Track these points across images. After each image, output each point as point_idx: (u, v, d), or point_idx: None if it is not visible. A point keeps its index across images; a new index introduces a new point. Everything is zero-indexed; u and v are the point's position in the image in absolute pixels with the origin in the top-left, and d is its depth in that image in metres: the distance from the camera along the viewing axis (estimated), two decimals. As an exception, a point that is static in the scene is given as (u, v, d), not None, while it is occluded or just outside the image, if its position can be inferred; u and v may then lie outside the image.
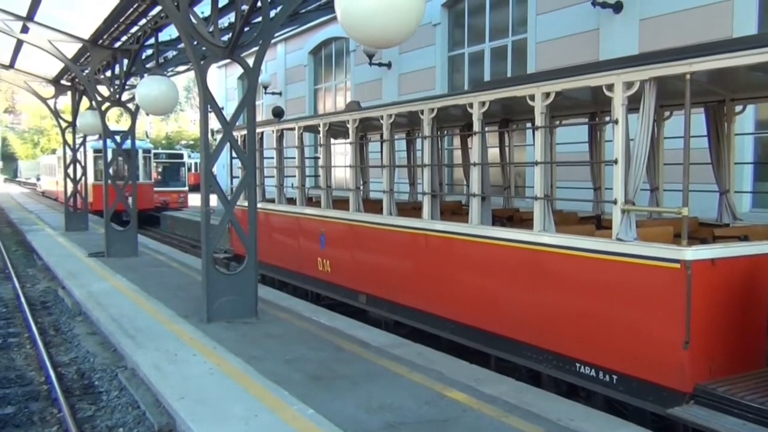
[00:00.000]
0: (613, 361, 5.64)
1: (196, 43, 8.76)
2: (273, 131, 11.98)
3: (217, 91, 29.47)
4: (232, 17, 11.72)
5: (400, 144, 11.93)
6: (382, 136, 8.96)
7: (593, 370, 5.84)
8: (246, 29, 9.45)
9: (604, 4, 11.78)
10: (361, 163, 11.50)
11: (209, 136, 9.33)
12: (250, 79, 8.88)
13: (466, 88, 15.53)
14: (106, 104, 15.83)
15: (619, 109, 5.56)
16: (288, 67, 25.03)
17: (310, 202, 11.55)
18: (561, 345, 6.14)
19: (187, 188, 33.13)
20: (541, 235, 6.37)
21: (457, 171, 14.78)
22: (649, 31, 11.32)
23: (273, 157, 12.06)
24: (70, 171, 21.70)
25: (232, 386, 6.18)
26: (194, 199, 30.61)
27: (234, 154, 10.10)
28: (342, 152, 16.70)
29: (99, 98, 15.78)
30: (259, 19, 8.93)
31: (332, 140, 11.13)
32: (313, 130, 11.25)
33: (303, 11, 13.84)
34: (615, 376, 5.64)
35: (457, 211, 9.70)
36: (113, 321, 8.95)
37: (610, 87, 5.62)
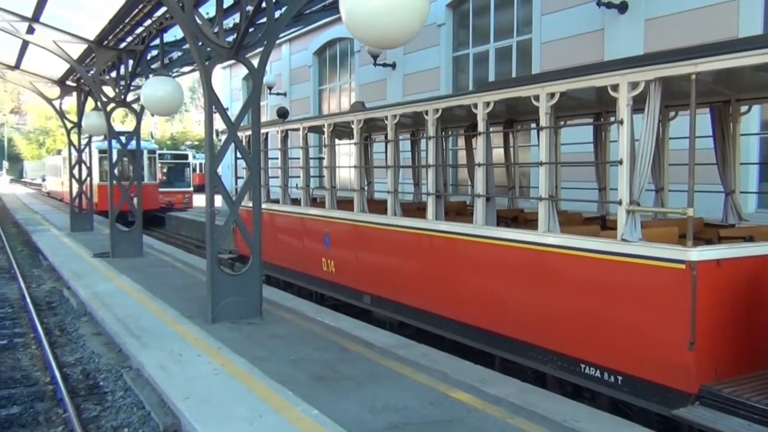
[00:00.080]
0: (618, 362, 5.62)
1: (201, 43, 8.78)
2: (277, 132, 11.99)
3: (222, 91, 29.51)
4: (236, 18, 11.74)
5: (405, 144, 11.93)
6: (387, 137, 8.96)
7: (598, 371, 5.82)
8: (251, 30, 9.47)
9: (609, 5, 11.75)
10: (366, 164, 11.50)
11: (214, 136, 9.34)
12: (255, 80, 8.89)
13: (471, 88, 15.50)
14: (112, 105, 15.87)
15: (624, 110, 5.54)
16: (293, 67, 25.04)
17: (315, 202, 11.55)
18: (566, 346, 6.13)
19: (191, 189, 33.25)
20: (546, 236, 6.36)
21: (462, 171, 14.75)
22: (655, 32, 11.29)
23: (277, 158, 12.07)
24: (76, 171, 21.78)
25: (237, 386, 6.19)
26: (199, 200, 30.65)
27: (239, 155, 10.11)
28: (346, 153, 16.72)
29: (104, 99, 15.83)
30: (264, 20, 8.96)
31: (337, 141, 11.14)
32: (318, 130, 11.25)
33: (308, 12, 13.85)
34: (620, 377, 5.62)
35: (461, 212, 9.69)
36: (118, 321, 8.97)
37: (615, 87, 5.61)
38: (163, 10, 12.39)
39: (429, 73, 17.31)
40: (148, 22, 13.62)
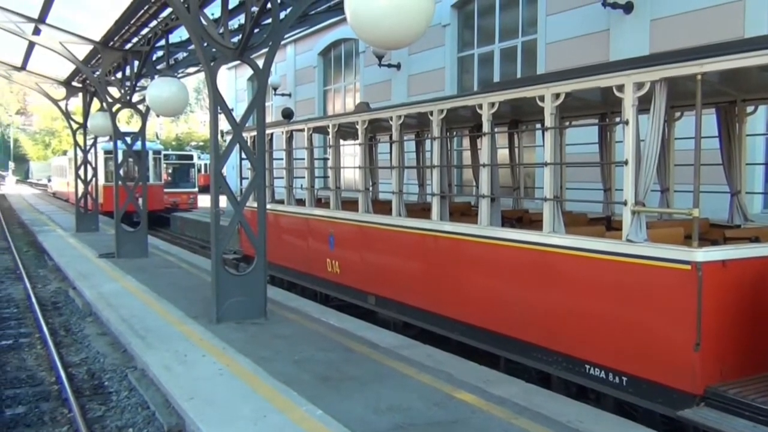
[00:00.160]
0: (623, 363, 5.61)
1: (206, 44, 8.79)
2: (282, 132, 12.01)
3: (227, 92, 29.56)
4: (242, 19, 11.76)
5: (410, 145, 11.92)
6: (392, 137, 8.96)
7: (603, 372, 5.81)
8: (256, 31, 9.49)
9: (615, 5, 11.73)
10: (371, 165, 11.50)
11: (219, 137, 9.36)
12: (260, 81, 8.90)
13: (476, 89, 15.51)
14: (117, 106, 15.92)
15: (629, 110, 5.53)
16: (298, 68, 25.08)
17: (320, 203, 11.56)
18: (571, 346, 6.12)
19: (196, 189, 33.27)
20: (551, 237, 6.35)
21: (467, 172, 14.74)
22: (660, 32, 11.27)
23: (282, 158, 12.08)
24: (81, 172, 21.84)
25: (242, 387, 6.20)
26: (204, 200, 30.74)
27: (244, 156, 10.13)
28: (351, 153, 16.72)
29: (110, 100, 15.87)
30: (269, 21, 8.96)
31: (341, 141, 11.14)
32: (323, 131, 11.26)
33: (313, 13, 13.86)
34: (625, 378, 5.61)
35: (466, 213, 9.68)
36: (123, 321, 8.99)
37: (621, 88, 5.60)
38: (169, 11, 12.42)
39: (434, 74, 17.31)
40: (154, 23, 13.66)
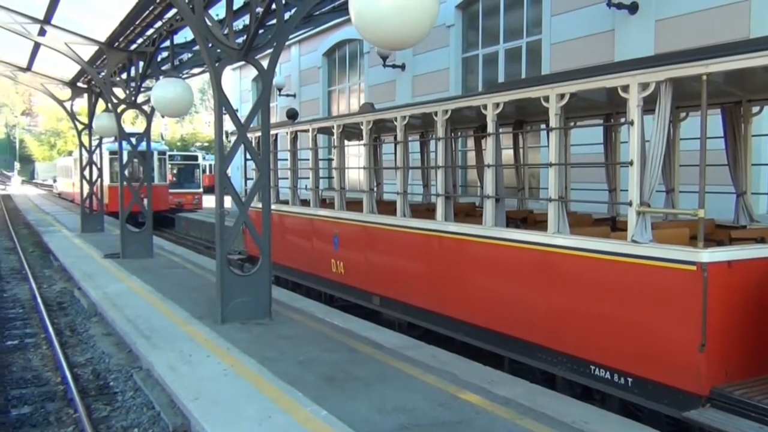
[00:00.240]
0: (628, 363, 5.60)
1: (211, 45, 8.81)
2: (287, 133, 12.02)
3: (232, 93, 29.60)
4: (246, 19, 11.78)
5: (414, 146, 11.93)
6: (396, 138, 8.96)
7: (608, 373, 5.80)
8: (260, 31, 9.50)
9: (620, 5, 11.70)
10: (375, 165, 11.51)
11: (224, 137, 9.37)
12: (265, 81, 8.92)
13: (480, 89, 15.48)
14: (122, 106, 15.96)
15: (634, 111, 5.52)
16: (302, 69, 25.09)
17: (324, 203, 11.57)
18: (575, 347, 6.11)
19: (201, 190, 33.38)
20: (556, 237, 6.34)
21: (471, 172, 14.73)
22: (665, 32, 11.23)
23: (287, 159, 12.10)
24: (86, 173, 21.91)
25: (246, 387, 6.21)
26: (209, 201, 30.78)
27: (248, 156, 10.13)
28: (356, 154, 16.73)
29: (115, 100, 15.92)
30: (274, 22, 8.98)
31: (346, 142, 11.15)
32: (327, 131, 11.27)
33: (317, 13, 13.89)
34: (630, 379, 5.60)
35: (470, 213, 9.68)
36: (129, 322, 9.01)
37: (626, 88, 5.59)
38: (174, 11, 12.45)
39: (438, 74, 17.29)
40: (159, 24, 13.70)
